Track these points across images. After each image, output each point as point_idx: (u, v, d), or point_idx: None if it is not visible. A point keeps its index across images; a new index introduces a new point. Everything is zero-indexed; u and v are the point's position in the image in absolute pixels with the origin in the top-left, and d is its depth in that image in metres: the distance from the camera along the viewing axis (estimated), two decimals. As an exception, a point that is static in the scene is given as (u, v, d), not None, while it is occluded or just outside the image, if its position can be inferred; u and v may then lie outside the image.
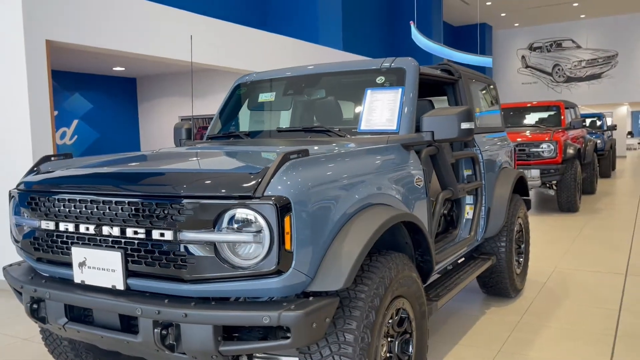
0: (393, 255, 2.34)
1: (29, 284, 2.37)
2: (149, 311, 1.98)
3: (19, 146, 4.81)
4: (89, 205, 2.19)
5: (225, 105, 3.75)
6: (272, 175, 1.92)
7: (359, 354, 2.03)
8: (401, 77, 3.12)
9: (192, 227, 1.95)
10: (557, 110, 9.94)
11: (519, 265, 4.38)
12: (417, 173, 2.80)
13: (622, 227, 7.25)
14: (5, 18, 4.74)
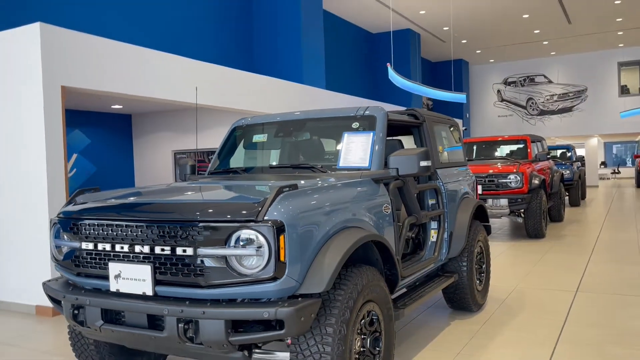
0: (365, 267, 2.94)
1: (70, 294, 2.92)
2: (174, 311, 2.55)
3: (36, 179, 5.35)
4: (123, 229, 2.76)
5: (224, 145, 4.37)
6: (270, 204, 2.53)
7: (337, 343, 2.61)
8: (372, 123, 3.78)
9: (208, 244, 2.54)
10: (524, 144, 10.73)
11: (480, 283, 4.99)
12: (385, 202, 3.43)
13: (582, 251, 7.93)
14: (26, 66, 5.35)
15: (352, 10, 16.36)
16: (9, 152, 5.56)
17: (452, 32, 19.07)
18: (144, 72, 6.44)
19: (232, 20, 12.12)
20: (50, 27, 5.35)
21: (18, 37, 5.41)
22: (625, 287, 5.71)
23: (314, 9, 12.88)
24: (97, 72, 5.84)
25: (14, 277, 5.61)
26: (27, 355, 4.28)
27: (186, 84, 7.01)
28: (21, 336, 4.78)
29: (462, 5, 16.12)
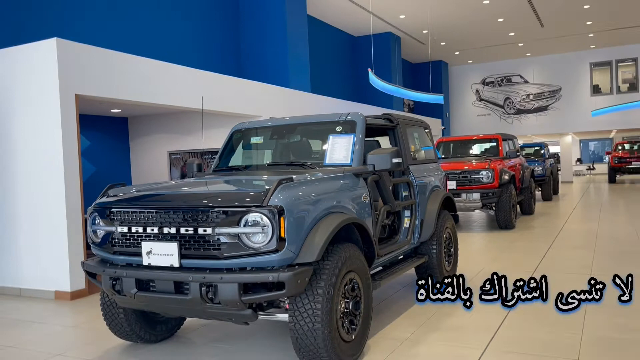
0: (347, 244, 3.65)
1: (109, 269, 3.59)
2: (197, 277, 3.23)
3: (53, 177, 5.97)
4: (153, 214, 3.44)
5: (226, 146, 5.06)
6: (272, 193, 3.23)
7: (325, 302, 3.31)
8: (353, 127, 4.49)
9: (224, 225, 3.22)
10: (496, 142, 11.54)
11: (448, 264, 5.73)
12: (364, 193, 4.14)
13: (546, 239, 8.73)
14: (44, 77, 5.97)
15: (334, 15, 17.06)
16: (29, 154, 6.17)
17: (431, 35, 19.88)
18: (148, 81, 7.09)
19: (220, 27, 12.74)
20: (65, 42, 5.98)
21: (36, 50, 6.03)
22: (575, 267, 6.51)
23: (298, 15, 13.56)
24: (107, 81, 6.48)
25: (33, 266, 6.22)
26: (55, 329, 4.92)
27: (186, 90, 7.67)
28: (46, 315, 5.41)
29: (440, 9, 16.91)
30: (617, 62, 23.92)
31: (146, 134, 10.48)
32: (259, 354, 4.01)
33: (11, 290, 6.35)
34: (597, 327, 4.18)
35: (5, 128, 6.33)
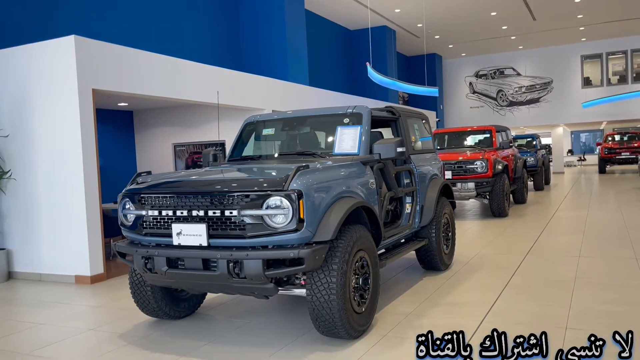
0: (358, 226, 4.01)
1: (141, 248, 3.94)
2: (225, 255, 3.59)
3: (73, 167, 6.30)
4: (183, 199, 3.79)
5: (239, 138, 5.40)
6: (292, 178, 3.58)
7: (339, 277, 3.67)
8: (359, 119, 4.85)
9: (249, 207, 3.58)
10: (489, 134, 11.94)
11: (446, 247, 6.12)
12: (370, 179, 4.51)
13: (537, 226, 9.15)
14: (63, 72, 6.28)
15: (330, 8, 17.34)
16: (48, 146, 6.49)
17: (426, 29, 20.22)
18: (160, 76, 7.42)
19: (220, 22, 13.02)
20: (82, 39, 6.29)
21: (55, 47, 6.33)
22: (565, 250, 6.93)
23: (297, 10, 13.86)
24: (122, 76, 6.80)
25: (53, 253, 6.55)
26: (82, 308, 5.27)
27: (196, 85, 8.00)
28: (70, 297, 5.75)
29: (434, 3, 17.24)
30: (607, 54, 24.35)
31: (151, 127, 10.79)
32: (275, 327, 4.38)
33: (32, 275, 6.69)
34: None
35: (25, 122, 6.64)
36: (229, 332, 4.30)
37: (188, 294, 4.69)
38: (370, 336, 3.99)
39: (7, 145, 6.75)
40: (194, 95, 8.02)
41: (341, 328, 3.74)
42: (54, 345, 4.18)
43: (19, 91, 6.65)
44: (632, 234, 7.74)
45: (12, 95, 6.70)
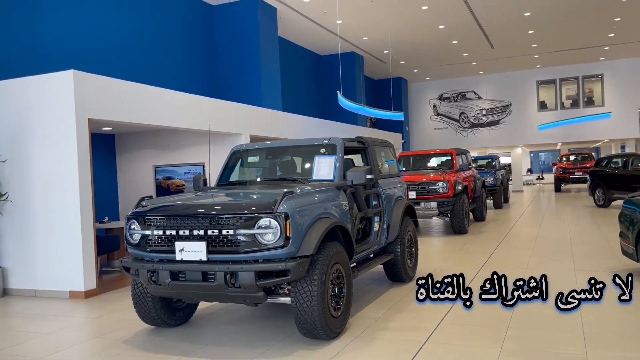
0: (334, 242, 4.71)
1: (147, 263, 4.54)
2: (222, 268, 4.23)
3: (70, 189, 6.83)
4: (185, 220, 4.42)
5: (227, 165, 6.06)
6: (280, 202, 4.26)
7: (319, 285, 4.35)
8: (334, 149, 5.58)
9: (243, 227, 4.24)
10: (450, 156, 12.86)
11: (410, 261, 6.86)
12: (344, 202, 5.22)
13: (494, 242, 10.01)
14: (62, 103, 6.83)
15: (301, 35, 18.17)
16: (46, 169, 7.00)
17: (392, 55, 21.27)
18: (150, 105, 8.04)
19: (196, 51, 13.67)
20: (80, 73, 6.88)
21: (54, 80, 6.90)
22: (515, 263, 7.76)
23: (270, 39, 14.64)
24: (116, 106, 7.39)
25: (48, 270, 7.02)
26: (82, 320, 5.79)
27: (181, 112, 8.63)
28: (68, 310, 6.24)
29: (399, 33, 18.29)
30: (560, 80, 25.92)
31: (133, 150, 11.30)
32: (261, 332, 5.01)
33: (27, 291, 7.13)
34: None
35: (23, 148, 7.14)
36: (221, 337, 4.92)
37: (183, 305, 5.29)
38: (345, 337, 4.66)
39: (5, 169, 7.22)
40: (181, 122, 8.66)
41: (321, 330, 4.40)
42: (65, 351, 4.71)
43: (18, 119, 7.16)
44: (574, 249, 8.65)
45: (11, 123, 7.20)
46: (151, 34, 11.98)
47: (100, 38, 10.54)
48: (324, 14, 16.01)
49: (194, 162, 10.98)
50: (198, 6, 13.79)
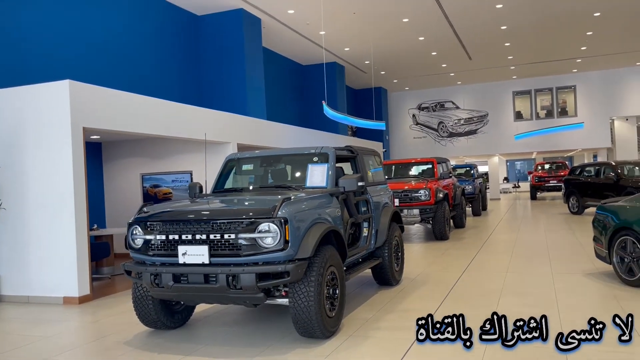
0: (329, 246, 4.95)
1: (150, 267, 4.72)
2: (224, 270, 4.44)
3: (65, 196, 6.96)
4: (188, 225, 4.62)
5: (222, 172, 6.27)
6: (279, 207, 4.50)
7: (316, 287, 4.58)
8: (326, 157, 5.84)
9: (244, 231, 4.46)
10: (431, 165, 13.23)
11: (397, 265, 7.14)
12: (337, 208, 5.48)
13: (474, 247, 10.36)
14: (57, 112, 6.97)
15: (284, 45, 18.45)
16: (41, 177, 7.11)
17: (372, 65, 21.69)
18: (142, 114, 8.21)
19: (181, 61, 13.83)
20: (75, 83, 7.03)
21: (50, 89, 7.04)
22: (495, 267, 8.10)
23: (255, 49, 14.88)
24: (109, 115, 7.55)
25: (41, 276, 7.12)
26: (80, 324, 5.92)
27: (173, 121, 8.81)
28: (64, 315, 6.36)
29: (380, 44, 18.71)
30: (535, 91, 26.66)
31: (120, 158, 11.42)
32: (258, 332, 5.21)
33: (20, 298, 7.21)
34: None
35: (17, 155, 7.24)
36: (220, 337, 5.11)
37: (181, 307, 5.47)
38: (339, 336, 4.90)
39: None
40: (172, 131, 8.84)
41: (317, 329, 4.64)
42: (70, 352, 4.86)
43: (12, 127, 7.26)
44: (551, 254, 9.04)
45: (4, 131, 7.30)
46: (136, 43, 12.12)
47: (85, 46, 10.63)
48: (307, 25, 16.32)
49: (181, 170, 11.15)
50: (183, 16, 13.98)
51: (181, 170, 11.12)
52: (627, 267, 6.25)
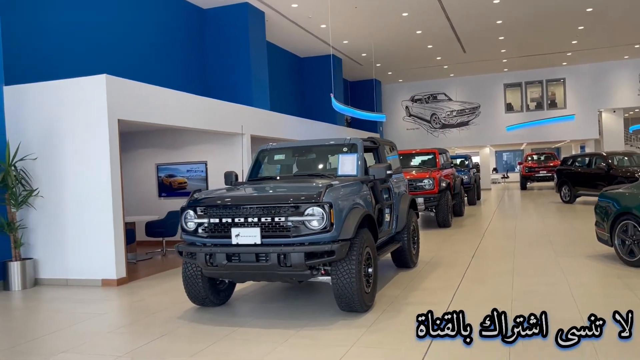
0: (365, 229, 5.44)
1: (205, 247, 5.17)
2: (276, 249, 4.90)
3: (102, 185, 7.36)
4: (240, 209, 5.08)
5: (255, 162, 6.72)
6: (324, 193, 4.97)
7: (357, 265, 5.07)
8: (355, 148, 6.32)
9: (293, 215, 4.92)
10: (433, 155, 13.76)
11: (414, 249, 7.66)
12: (368, 194, 5.97)
13: (477, 234, 10.93)
14: (94, 105, 7.35)
15: (284, 38, 18.81)
16: (77, 166, 7.50)
17: (369, 58, 22.15)
18: (170, 107, 8.61)
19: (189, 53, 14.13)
20: (111, 77, 7.42)
21: (87, 83, 7.41)
22: (502, 252, 8.67)
23: (259, 41, 15.24)
24: (143, 108, 7.94)
25: (80, 260, 7.52)
26: (127, 303, 6.35)
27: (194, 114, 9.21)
28: (107, 296, 6.78)
29: (380, 37, 19.16)
30: (526, 83, 27.31)
31: (136, 148, 11.78)
32: (297, 308, 5.69)
33: (58, 281, 7.62)
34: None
35: (54, 146, 7.61)
36: (263, 313, 5.59)
37: (224, 286, 5.93)
38: (374, 310, 5.40)
39: (36, 166, 7.67)
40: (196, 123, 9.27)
41: (357, 303, 5.13)
42: (130, 326, 5.30)
43: (49, 119, 7.63)
44: (552, 239, 9.63)
45: (42, 124, 7.66)
46: (142, 36, 12.38)
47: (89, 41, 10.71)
48: (308, 18, 16.71)
49: (196, 161, 11.56)
50: (189, 9, 14.27)
51: (196, 160, 11.52)
52: (628, 249, 6.83)
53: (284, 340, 4.59)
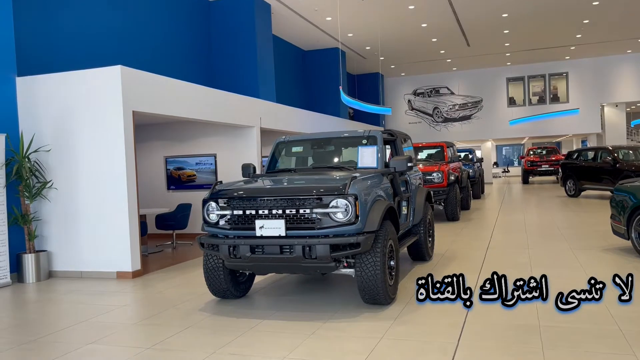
0: (388, 221, 5.42)
1: (228, 239, 5.14)
2: (300, 241, 4.88)
3: (117, 177, 7.32)
4: (264, 201, 5.05)
5: (273, 154, 6.68)
6: (349, 184, 4.94)
7: (381, 257, 5.05)
8: (375, 140, 6.29)
9: (318, 207, 4.90)
10: (441, 149, 13.75)
11: (430, 242, 7.65)
12: (389, 186, 5.94)
13: (487, 227, 10.93)
14: (109, 96, 7.30)
15: (288, 31, 18.74)
16: (92, 158, 7.46)
17: (373, 51, 22.07)
18: (185, 99, 8.57)
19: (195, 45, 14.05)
20: (126, 69, 7.36)
21: (102, 74, 7.36)
22: (516, 244, 8.67)
23: (265, 34, 15.17)
24: (157, 100, 7.89)
25: (95, 252, 7.49)
26: (145, 295, 6.32)
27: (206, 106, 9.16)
28: (123, 288, 6.75)
29: (385, 30, 19.09)
30: (528, 77, 27.29)
31: (145, 140, 11.72)
32: (320, 301, 5.67)
33: (73, 273, 7.59)
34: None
35: (68, 138, 7.56)
36: (285, 305, 5.57)
37: (244, 278, 5.91)
38: (398, 303, 5.39)
39: (49, 158, 7.63)
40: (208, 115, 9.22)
41: (382, 296, 5.12)
42: (153, 318, 5.28)
43: (63, 111, 7.57)
44: (563, 232, 9.64)
45: (56, 114, 7.61)
46: (150, 29, 12.30)
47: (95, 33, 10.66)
48: (314, 11, 16.62)
49: (205, 153, 11.51)
50: (195, 2, 14.18)
51: (205, 153, 11.48)
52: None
53: (311, 332, 4.58)
